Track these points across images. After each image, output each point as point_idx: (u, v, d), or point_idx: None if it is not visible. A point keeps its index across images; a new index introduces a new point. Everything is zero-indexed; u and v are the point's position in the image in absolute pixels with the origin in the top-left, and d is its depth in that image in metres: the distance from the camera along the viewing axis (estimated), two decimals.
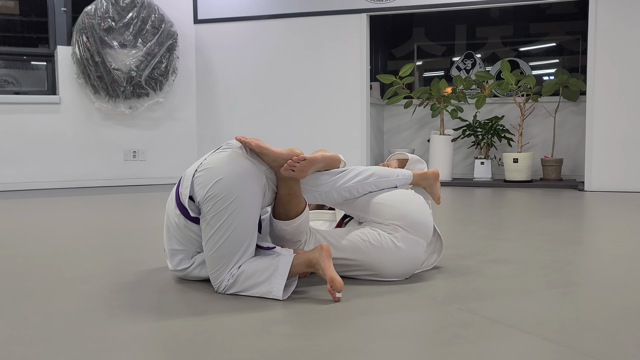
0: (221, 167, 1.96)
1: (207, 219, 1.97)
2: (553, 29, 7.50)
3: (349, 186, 2.20)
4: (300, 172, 2.03)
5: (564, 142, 6.79)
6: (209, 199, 1.94)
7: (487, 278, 2.26)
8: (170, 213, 2.11)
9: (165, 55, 6.41)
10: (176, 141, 6.73)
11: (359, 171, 2.24)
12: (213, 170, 1.96)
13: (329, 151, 2.21)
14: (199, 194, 1.97)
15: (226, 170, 1.95)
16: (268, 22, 6.69)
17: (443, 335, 1.63)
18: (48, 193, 5.80)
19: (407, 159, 2.51)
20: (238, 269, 2.00)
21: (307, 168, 2.04)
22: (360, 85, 6.46)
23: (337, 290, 1.92)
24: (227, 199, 1.93)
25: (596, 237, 3.34)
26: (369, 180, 2.23)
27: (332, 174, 2.21)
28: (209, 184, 1.94)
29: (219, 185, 1.94)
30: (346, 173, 2.22)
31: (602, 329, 1.66)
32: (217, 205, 1.94)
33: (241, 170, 1.97)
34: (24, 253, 2.86)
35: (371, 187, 2.24)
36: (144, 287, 2.19)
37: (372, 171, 2.25)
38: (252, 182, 1.99)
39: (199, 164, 2.02)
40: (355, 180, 2.21)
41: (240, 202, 1.95)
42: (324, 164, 2.15)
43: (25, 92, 6.39)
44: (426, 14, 7.57)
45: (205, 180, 1.96)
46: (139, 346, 1.58)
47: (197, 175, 1.98)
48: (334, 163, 2.19)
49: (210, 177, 1.95)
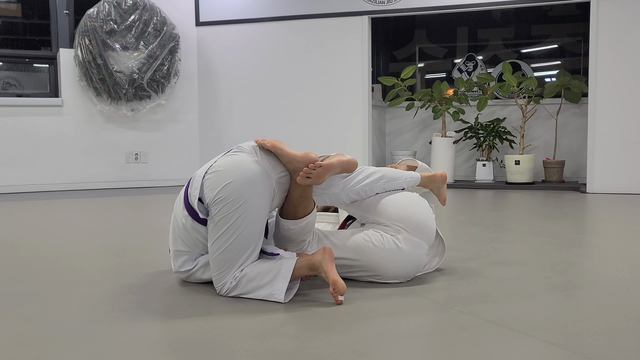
0: (231, 170, 1.97)
1: (214, 220, 1.98)
2: (555, 31, 7.50)
3: (358, 188, 2.21)
4: (317, 178, 2.04)
5: (566, 144, 6.79)
6: (218, 201, 1.95)
7: (489, 280, 2.26)
8: (178, 214, 2.11)
9: (167, 58, 6.42)
10: (178, 143, 6.74)
11: (369, 173, 2.24)
12: (223, 173, 1.97)
13: (345, 155, 2.18)
14: (208, 196, 1.97)
15: (236, 174, 1.96)
16: (270, 24, 6.69)
17: (445, 338, 1.63)
18: (50, 195, 5.81)
19: (416, 166, 2.51)
20: (241, 271, 2.00)
21: (323, 175, 2.05)
22: (362, 87, 6.47)
23: (339, 293, 1.92)
24: (236, 202, 1.94)
25: (598, 239, 3.34)
26: (378, 183, 2.24)
27: (342, 176, 2.21)
28: (219, 187, 1.95)
29: (228, 189, 1.94)
30: (356, 175, 2.22)
31: (604, 331, 1.66)
32: (225, 208, 1.94)
33: (251, 175, 1.97)
34: (27, 255, 2.87)
35: (380, 189, 2.25)
36: (147, 289, 2.19)
37: (382, 173, 2.26)
38: (261, 186, 1.99)
39: (209, 166, 2.02)
40: (365, 182, 2.22)
41: (248, 206, 1.95)
42: (341, 169, 2.15)
43: (28, 94, 6.40)
44: (428, 16, 7.58)
45: (215, 183, 1.96)
46: (143, 348, 1.59)
47: (207, 178, 1.99)
48: (351, 167, 2.18)
49: (220, 179, 1.96)
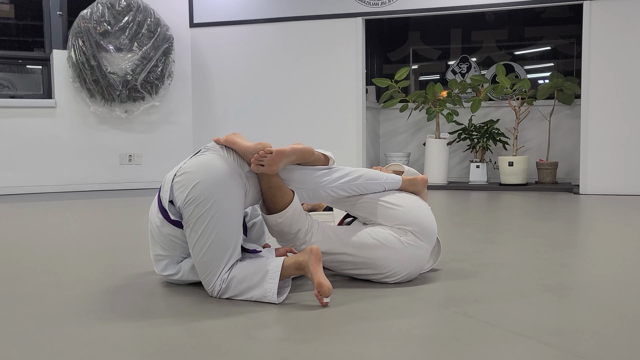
0: (199, 170, 1.97)
1: (190, 224, 1.97)
2: (548, 33, 7.53)
3: (336, 186, 2.18)
4: (269, 166, 2.00)
5: (559, 146, 6.82)
6: (189, 202, 1.95)
7: (483, 281, 2.26)
8: (153, 219, 2.11)
9: (161, 59, 6.41)
10: (172, 145, 6.73)
11: (347, 172, 2.21)
12: (191, 174, 1.96)
13: (301, 144, 2.14)
14: (179, 198, 1.97)
15: (204, 174, 1.95)
16: (264, 25, 6.70)
17: (439, 339, 1.63)
18: (43, 197, 5.79)
19: (402, 170, 2.50)
20: (228, 273, 2.00)
21: (276, 162, 2.00)
22: (356, 89, 6.47)
23: (324, 296, 1.91)
24: (207, 201, 1.93)
25: (591, 240, 3.35)
26: (357, 182, 2.21)
27: (316, 170, 2.17)
28: (188, 188, 1.95)
29: (197, 189, 1.94)
30: (332, 172, 2.19)
31: (597, 332, 1.67)
32: (197, 208, 1.94)
33: (219, 173, 1.97)
34: (19, 257, 2.85)
35: (360, 188, 2.22)
36: (138, 291, 2.19)
37: (361, 173, 2.23)
38: (230, 183, 1.98)
39: (178, 168, 2.03)
40: (343, 180, 2.19)
41: (221, 204, 1.95)
42: (296, 157, 2.08)
43: (21, 95, 6.38)
44: (422, 18, 7.60)
45: (184, 185, 1.96)
46: (134, 350, 1.58)
47: (177, 180, 1.99)
48: (307, 155, 2.11)
49: (189, 180, 1.95)
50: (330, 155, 2.25)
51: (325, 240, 2.17)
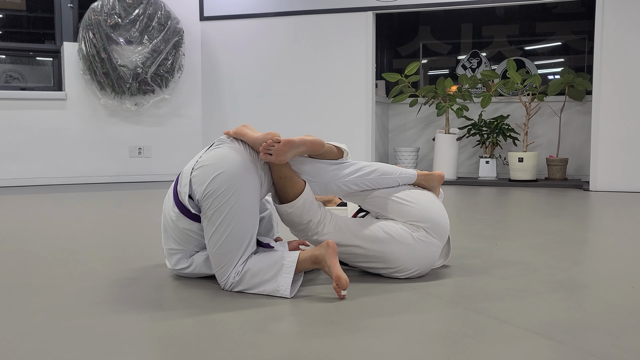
0: (217, 163, 1.98)
1: (208, 215, 1.98)
2: (559, 28, 7.48)
3: (349, 180, 2.18)
4: (277, 155, 2.00)
5: (569, 142, 6.78)
6: (208, 195, 1.96)
7: (494, 278, 2.26)
8: (168, 212, 2.11)
9: (171, 52, 6.41)
10: (181, 138, 6.75)
11: (361, 166, 2.21)
12: (209, 167, 1.97)
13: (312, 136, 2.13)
14: (197, 191, 1.98)
15: (222, 166, 1.96)
16: (274, 19, 6.69)
17: (450, 335, 1.63)
18: (53, 189, 5.82)
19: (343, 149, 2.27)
20: (243, 266, 2.00)
21: (283, 151, 2.00)
22: (365, 83, 6.46)
23: (342, 288, 1.93)
24: (226, 193, 1.94)
25: (602, 237, 3.34)
26: (370, 177, 2.20)
27: (331, 164, 2.18)
28: (207, 181, 1.96)
29: (216, 181, 1.95)
30: (347, 166, 2.19)
31: (608, 329, 1.67)
32: (216, 201, 1.95)
33: (236, 164, 1.98)
34: (31, 249, 2.88)
35: (373, 183, 2.22)
36: (150, 283, 2.20)
37: (375, 167, 2.22)
38: (248, 174, 1.99)
39: (195, 162, 2.03)
40: (356, 175, 2.19)
41: (239, 196, 1.96)
42: (305, 148, 2.07)
43: (31, 88, 6.41)
44: (432, 13, 7.57)
45: (203, 178, 1.97)
46: (147, 343, 1.59)
47: (195, 174, 2.00)
48: (316, 147, 2.10)
49: (208, 173, 1.96)
50: (345, 147, 2.24)
51: (337, 232, 2.17)
